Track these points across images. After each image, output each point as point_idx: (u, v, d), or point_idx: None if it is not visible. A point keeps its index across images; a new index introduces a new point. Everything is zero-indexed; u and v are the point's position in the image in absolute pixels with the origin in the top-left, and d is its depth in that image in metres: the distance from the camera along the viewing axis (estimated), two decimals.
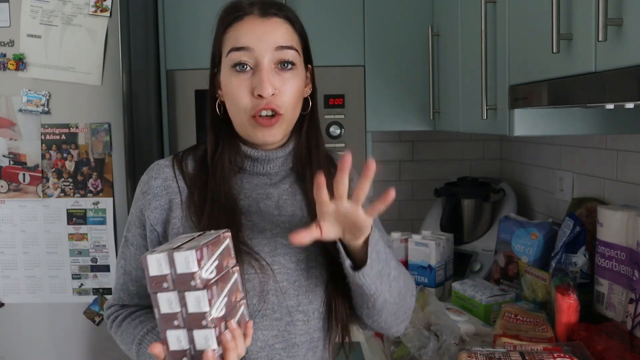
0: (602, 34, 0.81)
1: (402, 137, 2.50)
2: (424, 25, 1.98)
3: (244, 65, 1.00)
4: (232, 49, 1.00)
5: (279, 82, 1.00)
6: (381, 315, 1.04)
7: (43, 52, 1.69)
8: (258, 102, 0.99)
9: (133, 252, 1.09)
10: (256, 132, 1.01)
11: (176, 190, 1.05)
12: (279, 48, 1.00)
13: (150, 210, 1.05)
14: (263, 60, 0.99)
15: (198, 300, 0.80)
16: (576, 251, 1.57)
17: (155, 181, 1.06)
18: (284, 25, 1.02)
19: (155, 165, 1.09)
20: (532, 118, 1.27)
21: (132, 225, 1.09)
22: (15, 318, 1.75)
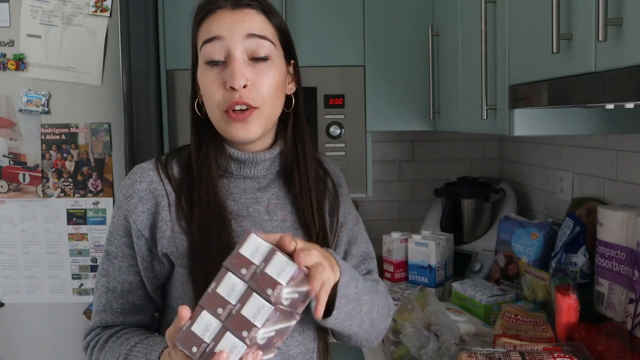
0: (602, 34, 0.81)
1: (402, 137, 2.50)
2: (424, 25, 1.99)
3: (217, 62, 0.96)
4: (204, 41, 0.97)
5: (252, 73, 0.96)
6: (350, 340, 1.06)
7: (43, 52, 1.69)
8: (231, 95, 0.95)
9: (117, 265, 1.02)
10: (230, 128, 0.97)
11: (163, 194, 1.00)
12: (250, 36, 0.95)
13: (136, 214, 0.99)
14: (235, 51, 0.95)
15: (259, 311, 0.74)
16: (576, 251, 1.57)
17: (140, 185, 1.00)
18: (258, 15, 0.98)
19: (138, 169, 1.03)
20: (532, 118, 1.27)
21: (115, 235, 1.02)
22: (15, 318, 1.75)
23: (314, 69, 2.01)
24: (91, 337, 1.05)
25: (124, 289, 1.02)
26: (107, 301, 1.03)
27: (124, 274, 1.02)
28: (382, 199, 2.50)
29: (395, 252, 1.98)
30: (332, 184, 1.12)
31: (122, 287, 1.02)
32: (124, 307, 1.03)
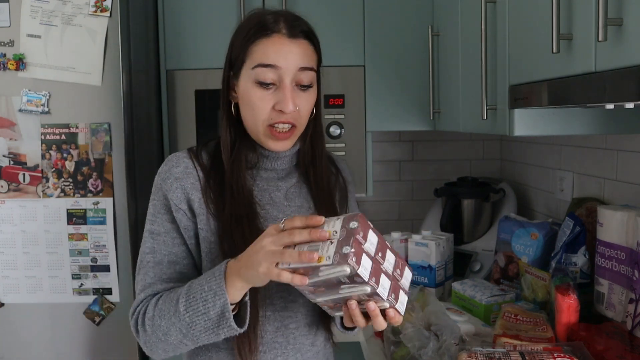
0: (602, 34, 0.81)
1: (402, 137, 2.50)
2: (424, 25, 1.99)
3: (269, 84, 1.08)
4: (259, 64, 1.07)
5: (299, 100, 1.10)
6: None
7: (43, 52, 1.69)
8: (278, 115, 1.09)
9: (162, 240, 1.11)
10: (269, 141, 1.11)
11: (196, 177, 1.12)
12: (301, 69, 1.09)
13: (172, 191, 1.10)
14: (286, 79, 1.08)
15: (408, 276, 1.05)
16: (576, 251, 1.57)
17: (176, 168, 1.12)
18: (309, 47, 1.11)
19: (173, 156, 1.15)
20: (532, 118, 1.28)
21: (157, 215, 1.12)
22: (15, 318, 1.75)
23: None
24: (142, 306, 1.09)
25: (171, 259, 1.11)
26: (155, 273, 1.11)
27: (169, 246, 1.11)
28: (382, 199, 2.50)
29: None
30: (343, 180, 1.28)
31: (169, 258, 1.11)
32: (172, 276, 1.11)
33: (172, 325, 1.02)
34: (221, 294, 0.98)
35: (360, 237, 0.90)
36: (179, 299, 1.02)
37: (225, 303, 0.98)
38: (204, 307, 0.99)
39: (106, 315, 1.75)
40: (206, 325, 1.00)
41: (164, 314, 1.03)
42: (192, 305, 1.00)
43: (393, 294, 0.97)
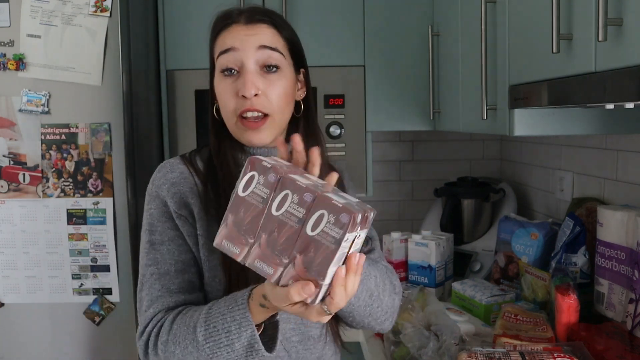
0: (602, 34, 0.81)
1: (402, 137, 2.50)
2: (424, 25, 1.99)
3: (231, 70, 1.04)
4: (220, 52, 1.05)
5: (264, 83, 1.04)
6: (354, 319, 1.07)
7: (43, 52, 1.69)
8: (242, 102, 1.03)
9: (166, 250, 1.05)
10: (243, 133, 1.06)
11: (193, 183, 1.07)
12: (261, 47, 1.03)
13: (170, 197, 1.05)
14: (247, 62, 1.03)
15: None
16: (576, 251, 1.57)
17: (172, 174, 1.08)
18: (269, 29, 1.06)
19: (167, 163, 1.11)
20: (532, 118, 1.28)
21: (157, 224, 1.06)
22: (15, 318, 1.75)
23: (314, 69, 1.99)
24: (152, 326, 1.01)
25: (178, 268, 1.04)
26: (162, 285, 1.03)
27: (175, 254, 1.05)
28: (382, 199, 2.50)
29: (395, 252, 1.98)
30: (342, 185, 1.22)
31: (176, 267, 1.04)
32: (181, 286, 1.04)
33: (189, 354, 0.94)
34: (247, 325, 0.89)
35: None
36: (197, 327, 0.93)
37: (253, 334, 0.90)
38: (227, 339, 0.91)
39: (106, 315, 1.75)
40: (230, 356, 0.92)
41: (179, 341, 0.95)
42: (212, 336, 0.92)
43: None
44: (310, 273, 0.78)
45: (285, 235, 0.78)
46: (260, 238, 0.80)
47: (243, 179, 0.81)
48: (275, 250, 0.79)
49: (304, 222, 0.77)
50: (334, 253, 0.76)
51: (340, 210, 0.76)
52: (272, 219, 0.79)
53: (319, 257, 0.77)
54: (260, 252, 0.80)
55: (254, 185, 0.80)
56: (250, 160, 0.81)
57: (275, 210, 0.79)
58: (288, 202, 0.78)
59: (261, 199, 0.80)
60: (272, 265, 0.79)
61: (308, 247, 0.77)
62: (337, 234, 0.76)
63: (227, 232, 0.82)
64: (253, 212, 0.80)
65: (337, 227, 0.75)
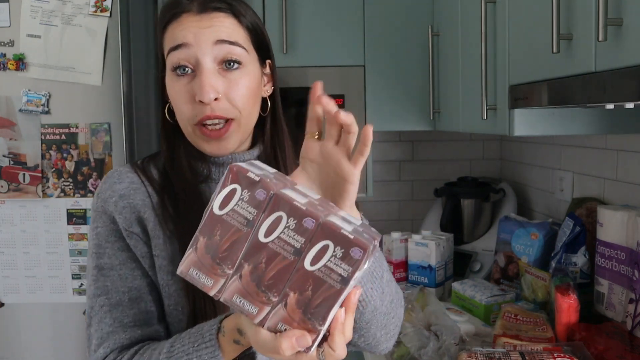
0: (602, 34, 0.81)
1: (402, 137, 2.50)
2: (424, 25, 1.98)
3: (184, 68, 0.87)
4: (170, 49, 0.88)
5: (224, 84, 0.87)
6: (370, 329, 0.89)
7: (43, 52, 1.69)
8: (201, 109, 0.87)
9: (117, 275, 0.89)
10: (203, 143, 0.90)
11: (145, 194, 0.91)
12: (219, 42, 0.87)
13: (119, 212, 0.89)
14: (203, 60, 0.86)
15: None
16: (576, 251, 1.57)
17: (119, 185, 0.92)
18: (227, 19, 0.89)
19: (114, 172, 0.94)
20: (532, 118, 1.27)
21: (105, 245, 0.91)
22: (15, 318, 1.75)
23: (314, 69, 2.01)
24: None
25: (133, 297, 0.89)
26: (114, 319, 0.88)
27: (128, 280, 0.89)
28: (382, 199, 2.50)
29: (395, 252, 1.98)
30: None
31: (130, 295, 0.89)
32: (137, 318, 0.89)
33: None
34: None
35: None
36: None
37: None
38: None
39: None
40: None
41: None
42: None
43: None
44: (305, 316, 0.63)
45: (276, 269, 0.63)
46: (242, 269, 0.64)
47: (221, 194, 0.65)
48: (261, 286, 0.64)
49: (302, 254, 0.63)
50: (339, 294, 0.62)
51: (350, 243, 0.62)
52: (259, 246, 0.64)
53: (318, 298, 0.62)
54: (241, 287, 0.64)
55: (236, 203, 0.64)
56: (231, 170, 0.65)
57: (264, 237, 0.64)
58: (281, 227, 0.63)
59: (245, 221, 0.64)
60: (256, 303, 0.64)
61: (305, 284, 0.63)
62: (344, 272, 0.62)
63: (196, 258, 0.65)
64: (233, 236, 0.64)
65: (345, 263, 0.62)
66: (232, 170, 0.65)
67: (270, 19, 1.95)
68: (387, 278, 0.89)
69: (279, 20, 1.93)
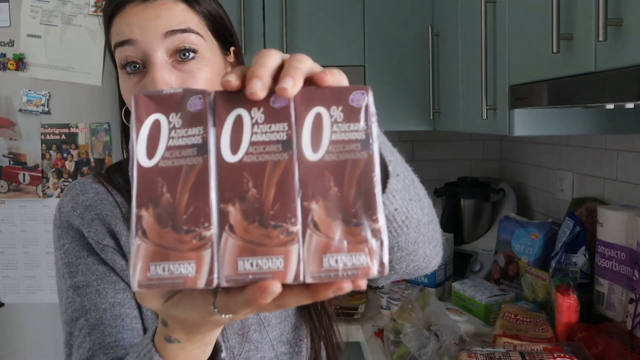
0: (602, 34, 0.81)
1: (402, 137, 2.50)
2: (424, 25, 1.99)
3: (133, 65, 0.77)
4: (115, 45, 0.79)
5: (180, 77, 0.76)
6: (418, 249, 0.71)
7: (43, 52, 1.69)
8: None
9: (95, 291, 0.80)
10: None
11: (114, 204, 0.83)
12: (169, 34, 0.76)
13: (86, 225, 0.81)
14: (153, 55, 0.76)
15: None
16: (576, 251, 1.57)
17: (83, 196, 0.83)
18: (177, 5, 0.78)
19: (76, 184, 0.86)
20: (532, 118, 1.27)
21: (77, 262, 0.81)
22: (15, 318, 1.75)
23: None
24: None
25: (115, 314, 0.79)
26: (94, 341, 0.77)
27: (109, 295, 0.80)
28: None
29: None
30: None
31: (112, 312, 0.79)
32: (119, 336, 0.78)
33: None
34: None
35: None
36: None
37: None
38: None
39: None
40: None
41: None
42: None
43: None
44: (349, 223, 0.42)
45: (274, 184, 0.42)
46: (228, 216, 0.42)
47: (141, 137, 0.43)
48: (267, 221, 0.42)
49: (294, 144, 0.43)
50: (371, 164, 0.43)
51: (344, 91, 0.45)
52: (232, 170, 0.42)
53: (351, 187, 0.43)
54: (240, 242, 0.41)
55: (168, 135, 0.43)
56: (138, 101, 0.44)
57: (232, 153, 0.43)
58: (247, 126, 0.43)
59: (194, 149, 0.43)
60: (275, 251, 0.41)
61: (323, 181, 0.42)
62: (360, 131, 0.44)
63: (150, 245, 0.42)
64: (188, 177, 0.42)
65: (352, 120, 0.44)
66: (140, 100, 0.44)
67: (270, 19, 1.95)
68: (418, 180, 0.74)
69: (279, 20, 1.93)
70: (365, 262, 0.42)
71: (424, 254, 0.74)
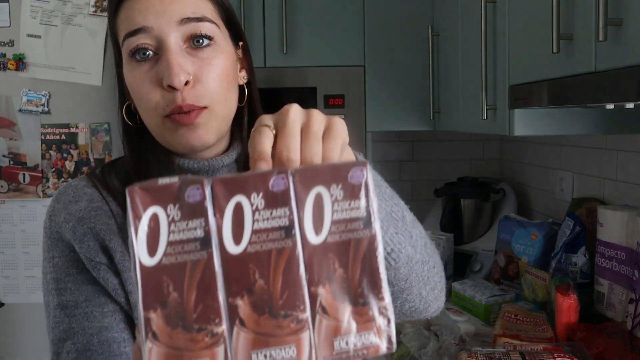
0: (602, 34, 0.81)
1: (402, 137, 2.50)
2: (424, 25, 1.99)
3: (144, 52, 0.73)
4: (126, 34, 0.74)
5: (195, 64, 0.73)
6: (412, 287, 0.73)
7: (43, 52, 1.69)
8: (171, 97, 0.71)
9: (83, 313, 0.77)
10: (176, 136, 0.74)
11: (109, 214, 0.77)
12: (185, 21, 0.73)
13: (78, 240, 0.76)
14: (167, 40, 0.72)
15: None
16: (576, 251, 1.57)
17: (76, 205, 0.78)
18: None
19: (68, 188, 0.80)
20: (532, 118, 1.28)
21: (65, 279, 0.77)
22: (15, 318, 1.75)
23: (314, 69, 2.01)
24: None
25: (102, 339, 0.76)
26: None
27: (96, 320, 0.76)
28: None
29: None
30: None
31: (99, 338, 0.76)
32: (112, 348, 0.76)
33: None
34: None
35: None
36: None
37: None
38: None
39: None
40: None
41: None
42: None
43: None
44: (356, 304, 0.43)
45: (280, 273, 0.43)
46: (237, 310, 0.42)
47: (140, 234, 0.42)
48: (277, 311, 0.42)
49: (297, 228, 0.43)
50: (374, 242, 0.44)
51: (343, 170, 0.44)
52: (237, 262, 0.43)
53: (355, 268, 0.43)
54: (252, 335, 0.42)
55: (168, 230, 0.42)
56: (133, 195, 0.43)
57: (235, 244, 0.43)
58: (248, 214, 0.43)
59: (196, 243, 0.42)
60: (287, 339, 0.42)
61: (328, 264, 0.43)
62: (360, 209, 0.44)
63: (163, 348, 0.42)
64: (194, 275, 0.42)
65: (353, 198, 0.44)
66: (135, 194, 0.43)
67: (270, 19, 1.95)
68: (411, 218, 0.74)
69: (279, 20, 1.93)
70: (375, 341, 0.43)
71: (420, 295, 0.74)
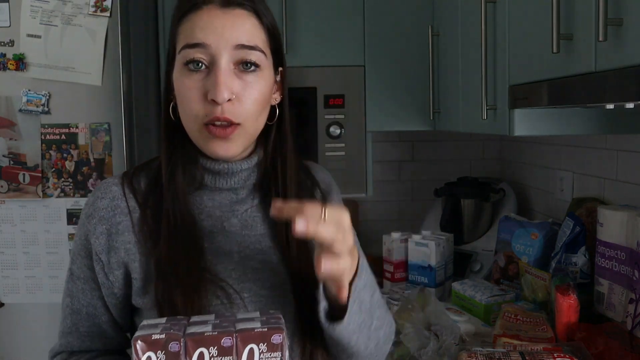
0: (602, 34, 0.81)
1: (402, 137, 2.50)
2: (424, 25, 1.99)
3: (198, 63, 0.84)
4: (185, 45, 0.85)
5: (239, 85, 0.85)
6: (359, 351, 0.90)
7: (43, 52, 1.69)
8: (212, 108, 0.84)
9: (80, 287, 0.93)
10: (209, 144, 0.87)
11: (125, 211, 0.90)
12: (239, 47, 0.84)
13: (95, 236, 0.90)
14: (220, 60, 0.84)
15: None
16: (576, 251, 1.57)
17: (101, 202, 0.91)
18: (250, 19, 0.86)
19: (103, 184, 0.94)
20: (532, 118, 1.28)
21: (77, 255, 0.94)
22: (15, 318, 1.75)
23: (314, 69, 2.01)
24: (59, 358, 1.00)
25: (89, 312, 0.94)
26: (73, 323, 0.95)
27: (87, 297, 0.93)
28: (382, 199, 2.50)
29: (395, 252, 1.98)
30: (321, 194, 1.02)
31: (87, 310, 0.94)
32: (90, 330, 0.95)
33: None
34: None
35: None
36: None
37: None
38: None
39: None
40: None
41: None
42: None
43: None
44: None
45: None
46: None
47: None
48: None
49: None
50: None
51: (268, 334, 0.70)
52: None
53: None
54: None
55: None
56: (134, 344, 0.69)
57: None
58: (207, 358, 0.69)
59: None
60: None
61: None
62: (276, 357, 0.70)
63: None
64: None
65: (273, 351, 0.70)
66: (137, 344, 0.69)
67: None
68: (377, 325, 0.89)
69: (279, 20, 1.92)
70: None
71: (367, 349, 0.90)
